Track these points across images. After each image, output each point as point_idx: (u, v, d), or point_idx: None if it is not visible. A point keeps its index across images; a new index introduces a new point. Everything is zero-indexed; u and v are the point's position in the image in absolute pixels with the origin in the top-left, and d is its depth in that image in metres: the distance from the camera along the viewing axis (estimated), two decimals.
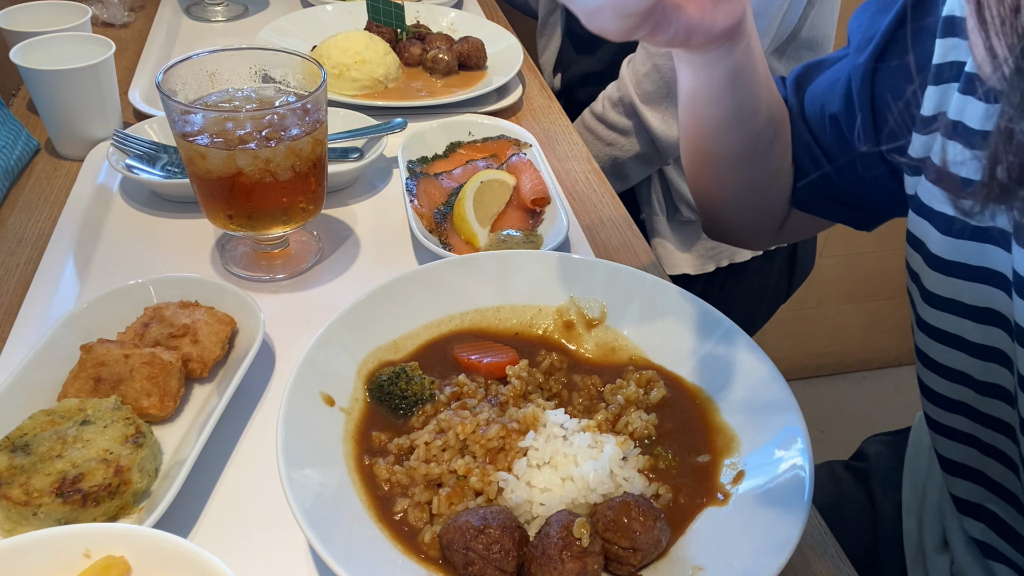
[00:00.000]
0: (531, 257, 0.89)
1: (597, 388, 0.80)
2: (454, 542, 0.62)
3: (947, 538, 0.89)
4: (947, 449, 0.81)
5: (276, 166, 0.86)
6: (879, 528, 0.98)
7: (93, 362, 0.76)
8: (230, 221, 0.91)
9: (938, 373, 0.76)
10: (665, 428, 0.76)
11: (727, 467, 0.71)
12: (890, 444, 1.08)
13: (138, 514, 0.67)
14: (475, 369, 0.80)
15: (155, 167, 1.07)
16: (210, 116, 0.86)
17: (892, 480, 1.01)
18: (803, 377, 2.88)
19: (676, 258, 1.58)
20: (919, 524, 0.95)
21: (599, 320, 0.86)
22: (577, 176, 1.23)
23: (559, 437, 0.71)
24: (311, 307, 0.94)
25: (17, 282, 0.94)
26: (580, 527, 0.61)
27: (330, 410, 0.73)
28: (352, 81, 1.33)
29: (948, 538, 0.89)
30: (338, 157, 1.12)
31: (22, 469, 0.65)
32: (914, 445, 1.03)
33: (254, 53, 0.93)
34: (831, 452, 1.13)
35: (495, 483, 0.68)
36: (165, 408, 0.76)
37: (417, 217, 1.01)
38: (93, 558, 0.52)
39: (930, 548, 0.91)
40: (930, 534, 0.92)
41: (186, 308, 0.83)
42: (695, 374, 0.80)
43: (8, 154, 1.11)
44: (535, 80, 1.49)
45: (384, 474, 0.69)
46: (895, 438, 1.08)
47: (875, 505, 1.01)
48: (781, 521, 0.63)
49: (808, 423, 0.70)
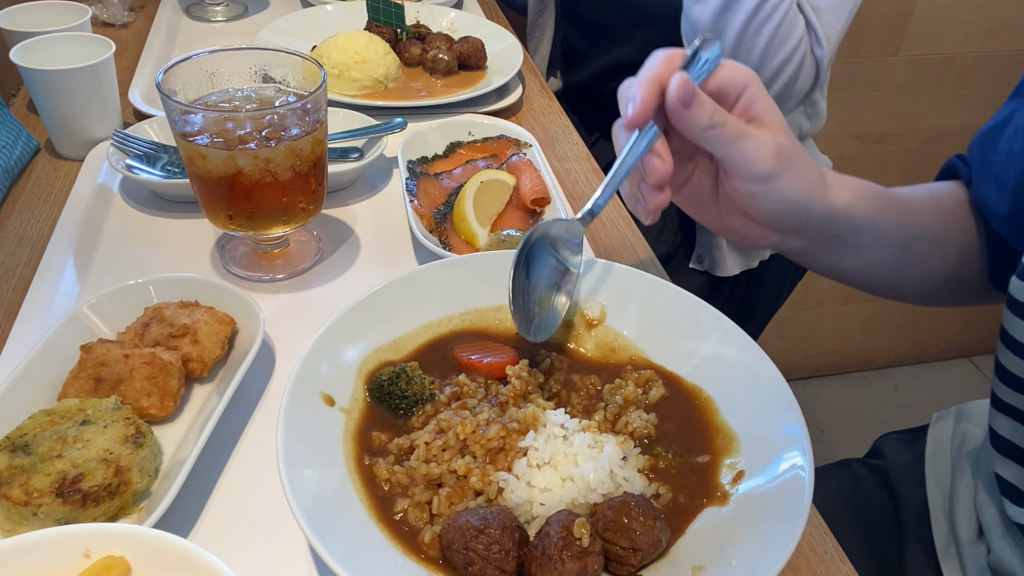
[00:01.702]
0: None
1: (596, 388, 0.80)
2: (454, 542, 0.62)
3: (984, 528, 0.90)
4: (1004, 428, 0.82)
5: (276, 166, 0.86)
6: (903, 524, 0.99)
7: (93, 362, 0.76)
8: (230, 221, 0.91)
9: (1017, 353, 0.77)
10: (665, 428, 0.76)
11: (727, 467, 0.71)
12: (906, 441, 1.09)
13: (138, 514, 0.67)
14: (475, 369, 0.80)
15: (155, 167, 1.07)
16: (210, 116, 0.86)
17: (913, 476, 1.02)
18: (803, 377, 2.88)
19: (727, 261, 1.56)
20: (949, 517, 0.95)
21: (599, 320, 0.86)
22: (577, 176, 1.23)
23: (559, 437, 0.71)
24: (311, 307, 0.94)
25: (17, 282, 0.94)
26: (580, 527, 0.61)
27: (330, 410, 0.73)
28: (352, 81, 1.33)
29: (985, 528, 0.90)
30: (338, 157, 1.12)
31: (22, 469, 0.65)
32: (933, 442, 1.04)
33: (254, 53, 0.93)
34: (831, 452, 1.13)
35: (495, 483, 0.68)
36: (165, 408, 0.76)
37: (417, 217, 1.01)
38: (93, 558, 0.52)
39: (965, 540, 0.91)
40: (964, 526, 0.93)
41: (186, 308, 0.83)
42: (695, 374, 0.80)
43: (8, 154, 1.11)
44: (535, 80, 1.49)
45: (384, 474, 0.69)
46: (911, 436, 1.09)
47: (897, 501, 1.01)
48: (781, 521, 0.63)
49: (808, 423, 0.70)
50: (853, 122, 2.33)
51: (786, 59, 1.22)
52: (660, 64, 0.74)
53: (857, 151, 2.40)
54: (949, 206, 0.90)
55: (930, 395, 2.86)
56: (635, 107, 0.72)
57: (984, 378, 2.92)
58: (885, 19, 2.15)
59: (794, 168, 0.75)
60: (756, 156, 0.73)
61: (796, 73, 1.24)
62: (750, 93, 0.75)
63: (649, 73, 0.73)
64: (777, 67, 1.23)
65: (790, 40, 1.21)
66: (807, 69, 1.25)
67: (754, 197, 0.77)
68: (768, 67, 1.23)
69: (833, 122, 1.81)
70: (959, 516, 0.94)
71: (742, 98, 0.75)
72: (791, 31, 1.21)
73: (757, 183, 0.75)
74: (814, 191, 0.77)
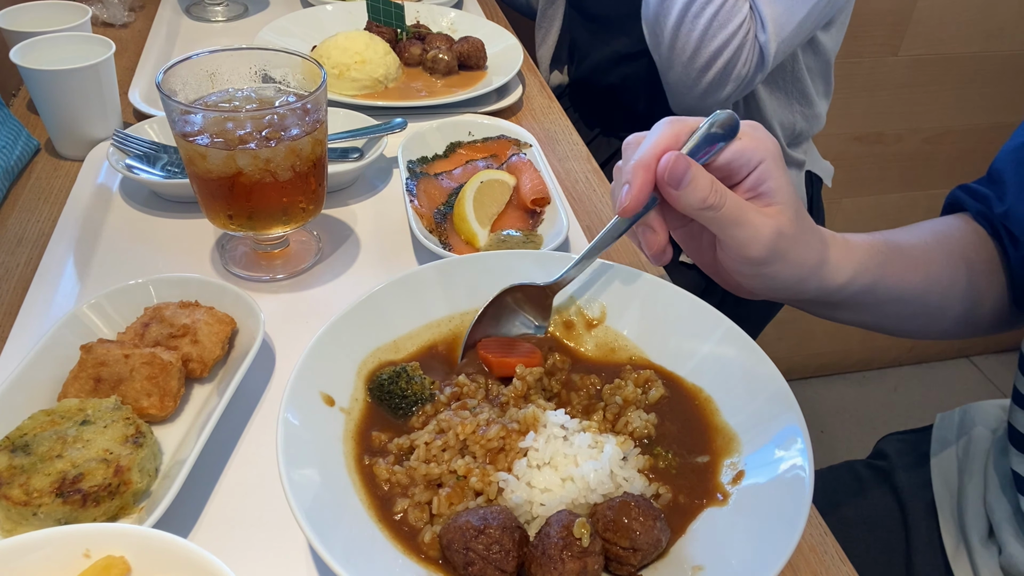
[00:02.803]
0: (531, 257, 0.89)
1: (596, 388, 0.80)
2: (454, 542, 0.62)
3: (994, 528, 0.90)
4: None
5: (276, 166, 0.86)
6: (911, 526, 0.99)
7: (93, 362, 0.76)
8: (230, 221, 0.91)
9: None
10: (665, 428, 0.76)
11: (727, 467, 0.71)
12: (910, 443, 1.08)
13: (138, 514, 0.67)
14: (488, 364, 0.80)
15: (155, 167, 1.07)
16: (210, 116, 0.86)
17: (919, 478, 1.02)
18: (803, 377, 2.88)
19: None
20: (958, 518, 0.95)
21: (599, 320, 0.86)
22: (577, 176, 1.23)
23: (559, 437, 0.71)
24: (311, 307, 0.94)
25: (17, 282, 0.94)
26: (580, 527, 0.61)
27: (330, 410, 0.73)
28: (352, 81, 1.33)
29: (996, 528, 0.90)
30: (338, 157, 1.12)
31: (22, 469, 0.65)
32: (939, 443, 1.03)
33: (254, 53, 0.93)
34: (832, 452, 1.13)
35: (495, 483, 0.68)
36: (165, 408, 0.76)
37: (417, 217, 1.01)
38: (93, 558, 0.52)
39: (976, 540, 0.91)
40: (975, 527, 0.92)
41: (186, 308, 0.83)
42: (695, 374, 0.80)
43: (8, 154, 1.11)
44: (535, 80, 1.49)
45: (384, 474, 0.69)
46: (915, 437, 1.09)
47: (903, 503, 1.01)
48: (781, 521, 0.63)
49: (808, 423, 0.70)
50: (853, 122, 2.33)
51: (724, 42, 1.27)
52: (663, 139, 0.72)
53: (857, 151, 2.40)
54: (958, 250, 0.89)
55: (930, 395, 2.86)
56: (629, 195, 0.71)
57: (984, 378, 2.92)
58: (885, 19, 2.15)
59: (789, 256, 0.73)
60: (749, 243, 0.71)
61: (735, 57, 1.29)
62: (763, 169, 0.72)
63: (647, 156, 0.71)
64: (715, 50, 1.28)
65: (730, 24, 1.26)
66: (747, 54, 1.29)
67: (742, 274, 0.76)
68: (706, 50, 1.28)
69: (833, 122, 1.81)
70: (969, 517, 0.94)
71: (753, 174, 0.72)
72: (731, 16, 1.26)
73: (747, 266, 0.74)
74: (808, 274, 0.76)
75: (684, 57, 1.32)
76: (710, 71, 1.31)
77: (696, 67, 1.31)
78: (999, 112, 2.42)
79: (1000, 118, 2.44)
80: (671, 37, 1.31)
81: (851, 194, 2.50)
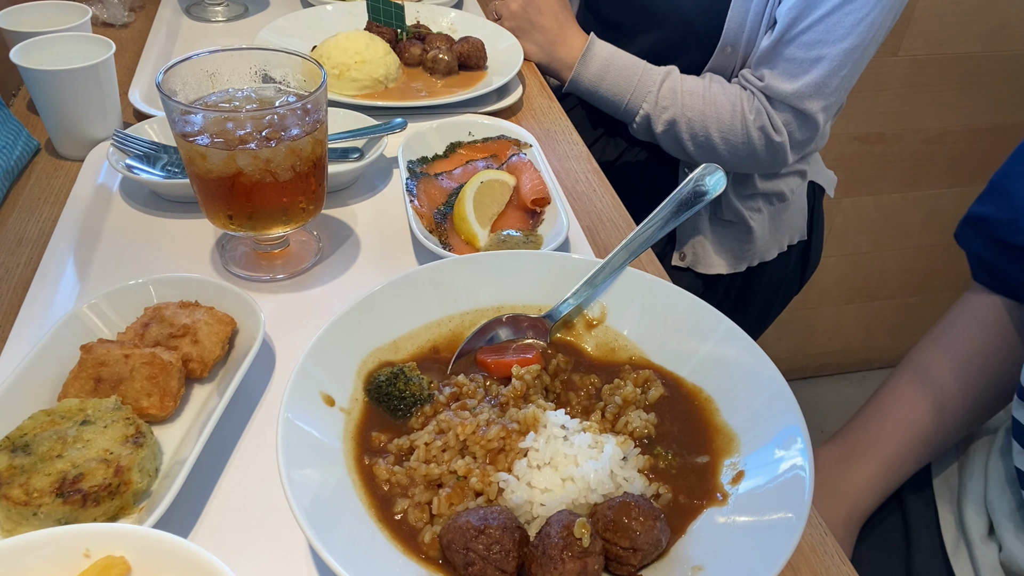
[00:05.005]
0: (531, 257, 0.89)
1: (596, 388, 0.80)
2: (454, 542, 0.62)
3: (994, 526, 0.90)
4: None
5: (276, 166, 0.86)
6: (910, 525, 0.99)
7: (93, 362, 0.76)
8: (230, 221, 0.91)
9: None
10: (665, 428, 0.76)
11: (727, 467, 0.71)
12: None
13: (138, 514, 0.67)
14: (486, 367, 0.80)
15: (155, 167, 1.07)
16: (210, 116, 0.86)
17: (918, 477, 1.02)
18: (803, 377, 2.88)
19: (711, 259, 1.60)
20: (958, 516, 0.95)
21: (599, 320, 0.86)
22: (577, 176, 1.23)
23: (559, 438, 0.71)
24: (311, 307, 0.94)
25: (17, 282, 0.94)
26: (581, 527, 0.61)
27: (330, 410, 0.73)
28: (352, 81, 1.33)
29: (996, 525, 0.90)
30: (338, 157, 1.12)
31: (22, 469, 0.65)
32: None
33: (254, 53, 0.93)
34: None
35: (495, 483, 0.68)
36: (165, 408, 0.76)
37: (417, 217, 1.01)
38: (93, 558, 0.52)
39: (976, 538, 0.92)
40: (975, 524, 0.93)
41: (186, 308, 0.83)
42: (695, 374, 0.80)
43: (8, 154, 1.11)
44: (535, 80, 1.49)
45: (384, 474, 0.69)
46: None
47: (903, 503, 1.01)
48: (781, 521, 0.63)
49: (808, 423, 0.70)
50: (853, 122, 2.33)
51: (744, 139, 1.41)
52: None
53: (857, 151, 2.40)
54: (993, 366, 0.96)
55: None
56: None
57: None
58: None
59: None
60: None
61: (755, 165, 1.46)
62: None
63: None
64: (734, 165, 1.46)
65: (736, 128, 1.40)
66: (766, 157, 1.42)
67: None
68: (742, 154, 1.43)
69: (833, 122, 1.81)
70: (969, 514, 0.94)
71: None
72: (733, 122, 1.40)
73: None
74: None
75: (744, 169, 1.49)
76: (760, 161, 1.44)
77: (751, 165, 1.46)
78: (999, 112, 2.42)
79: (1000, 118, 2.44)
80: (730, 168, 1.47)
81: (851, 194, 2.51)
